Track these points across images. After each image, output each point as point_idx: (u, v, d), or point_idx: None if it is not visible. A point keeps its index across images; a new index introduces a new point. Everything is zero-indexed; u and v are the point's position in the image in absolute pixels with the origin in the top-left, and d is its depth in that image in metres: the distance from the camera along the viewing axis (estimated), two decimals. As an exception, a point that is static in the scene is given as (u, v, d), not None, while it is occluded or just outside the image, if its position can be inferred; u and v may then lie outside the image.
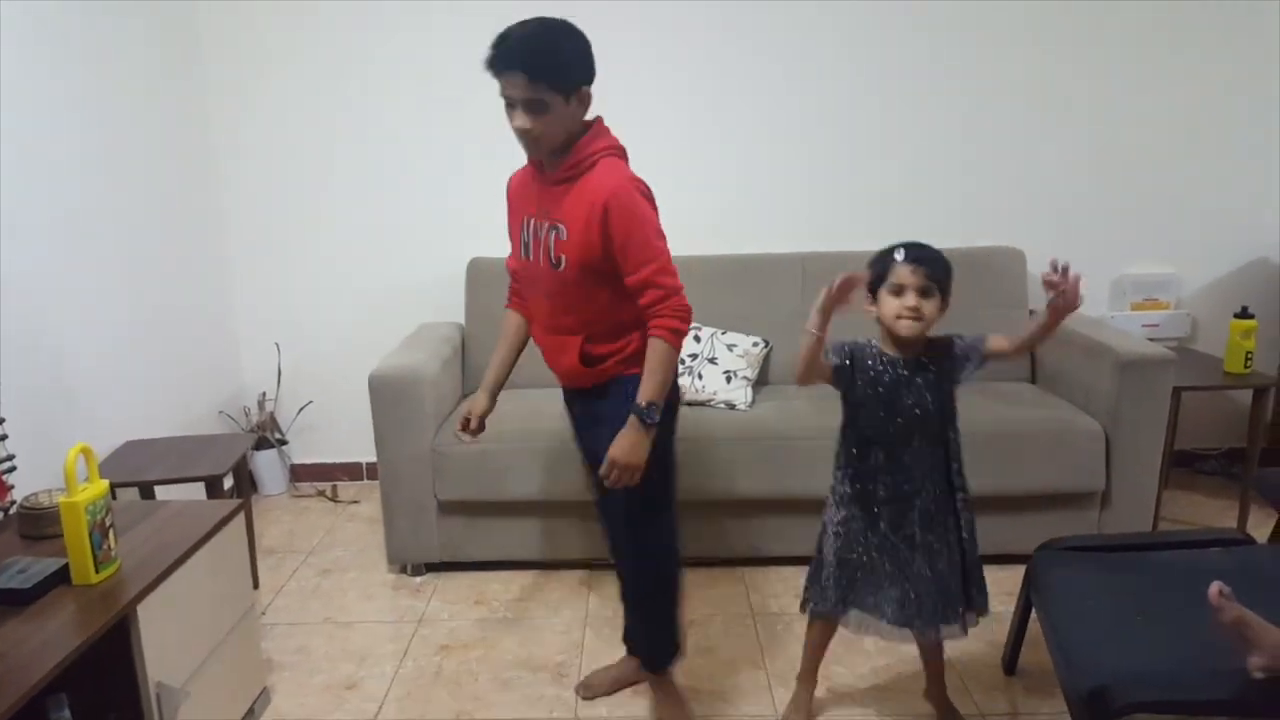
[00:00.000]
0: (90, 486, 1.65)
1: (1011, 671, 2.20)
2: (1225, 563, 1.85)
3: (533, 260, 1.83)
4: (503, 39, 1.65)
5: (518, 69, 1.63)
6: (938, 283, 1.74)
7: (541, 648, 2.38)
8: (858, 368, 1.80)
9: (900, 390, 1.78)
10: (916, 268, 1.72)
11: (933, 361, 1.79)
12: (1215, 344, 3.16)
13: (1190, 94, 3.14)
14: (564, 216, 1.75)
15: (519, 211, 1.87)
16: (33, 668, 1.38)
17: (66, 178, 2.48)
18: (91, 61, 2.60)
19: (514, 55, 1.63)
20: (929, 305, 1.73)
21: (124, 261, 2.73)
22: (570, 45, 1.69)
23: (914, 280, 1.72)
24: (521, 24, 1.68)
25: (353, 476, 3.53)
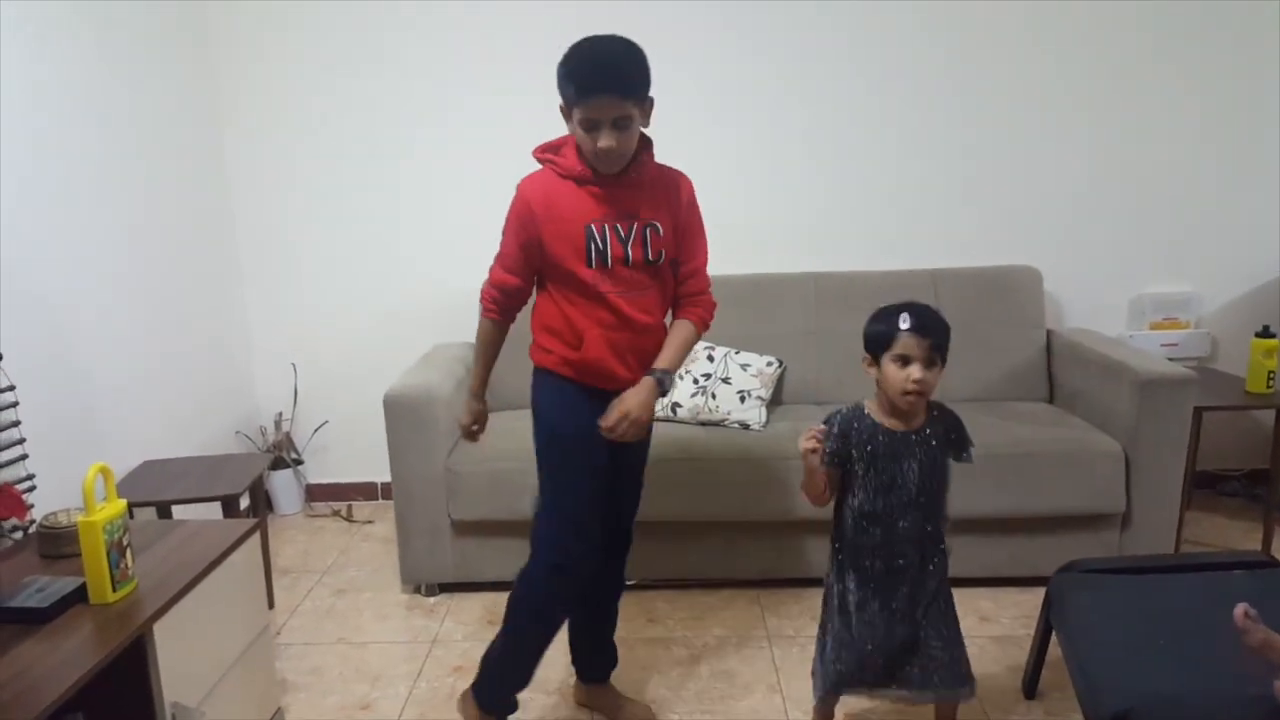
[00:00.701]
0: (108, 506, 1.66)
1: (1031, 695, 2.17)
2: (1249, 585, 1.82)
3: (614, 262, 1.79)
4: (592, 61, 1.68)
5: (613, 90, 1.68)
6: (940, 351, 1.69)
7: (553, 669, 2.36)
8: (854, 443, 1.75)
9: (900, 465, 1.72)
10: (922, 339, 1.67)
11: (934, 434, 1.74)
12: (1237, 363, 3.12)
13: (1209, 111, 3.13)
14: (653, 215, 1.82)
15: (573, 222, 1.79)
16: (50, 687, 1.38)
17: (85, 201, 2.52)
18: (107, 92, 2.65)
19: (610, 76, 1.68)
20: (932, 376, 1.68)
21: (142, 283, 2.76)
22: (644, 58, 1.74)
23: (919, 352, 1.67)
24: (598, 42, 1.71)
25: (367, 496, 3.54)
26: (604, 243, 1.79)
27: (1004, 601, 2.61)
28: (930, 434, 1.74)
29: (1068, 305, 3.29)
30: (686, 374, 2.90)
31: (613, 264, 1.80)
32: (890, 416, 1.75)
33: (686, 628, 2.55)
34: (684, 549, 2.69)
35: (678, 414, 2.82)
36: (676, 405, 2.83)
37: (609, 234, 1.79)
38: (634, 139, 1.76)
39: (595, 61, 1.68)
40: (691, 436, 2.70)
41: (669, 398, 2.84)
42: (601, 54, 1.70)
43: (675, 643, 2.47)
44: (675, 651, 2.43)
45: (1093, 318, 3.26)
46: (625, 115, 1.69)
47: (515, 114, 3.17)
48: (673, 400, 2.84)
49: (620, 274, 1.81)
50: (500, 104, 3.16)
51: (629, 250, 1.80)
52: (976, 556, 2.66)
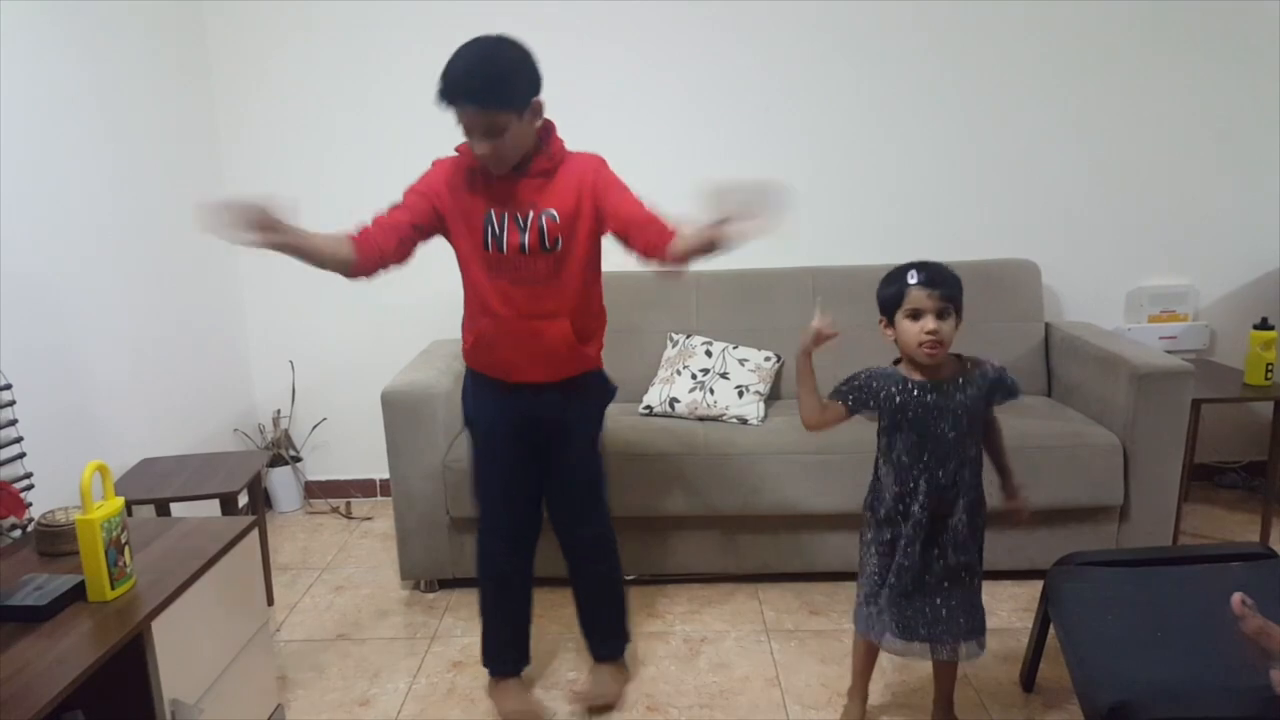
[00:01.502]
0: (106, 504, 1.66)
1: (1030, 688, 2.17)
2: (1247, 577, 1.82)
3: (508, 251, 1.84)
4: (448, 72, 1.68)
5: (469, 101, 1.68)
6: (953, 302, 1.72)
7: (553, 663, 2.37)
8: (881, 398, 1.78)
9: (932, 415, 1.75)
10: (932, 291, 1.70)
11: (968, 383, 1.77)
12: (1235, 356, 3.13)
13: (1207, 104, 3.13)
14: (553, 203, 1.83)
15: (475, 211, 1.85)
16: (48, 684, 1.38)
17: (82, 198, 2.51)
18: (103, 89, 2.65)
19: (462, 88, 1.67)
20: (947, 327, 1.71)
21: (139, 281, 2.76)
22: (515, 65, 1.72)
23: (930, 304, 1.70)
24: (464, 50, 1.70)
25: (366, 493, 3.54)
26: (501, 229, 1.83)
27: (1002, 594, 2.62)
28: (963, 383, 1.76)
29: (1066, 299, 3.29)
30: (684, 369, 2.90)
31: (509, 250, 1.83)
32: (918, 373, 1.78)
33: (685, 622, 2.55)
34: (683, 543, 2.69)
35: (675, 409, 2.82)
36: (674, 401, 2.83)
37: (507, 222, 1.83)
38: (514, 144, 1.75)
39: (454, 71, 1.68)
40: (689, 431, 2.70)
41: (665, 392, 2.85)
42: (461, 63, 1.68)
43: (674, 636, 2.48)
44: (674, 645, 2.43)
45: (1091, 311, 3.26)
46: (492, 124, 1.70)
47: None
48: (670, 396, 2.84)
49: (516, 263, 1.85)
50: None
51: (525, 238, 1.82)
52: (975, 550, 2.66)
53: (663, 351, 3.03)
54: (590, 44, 3.13)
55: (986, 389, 1.78)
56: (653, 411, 2.86)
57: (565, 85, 3.12)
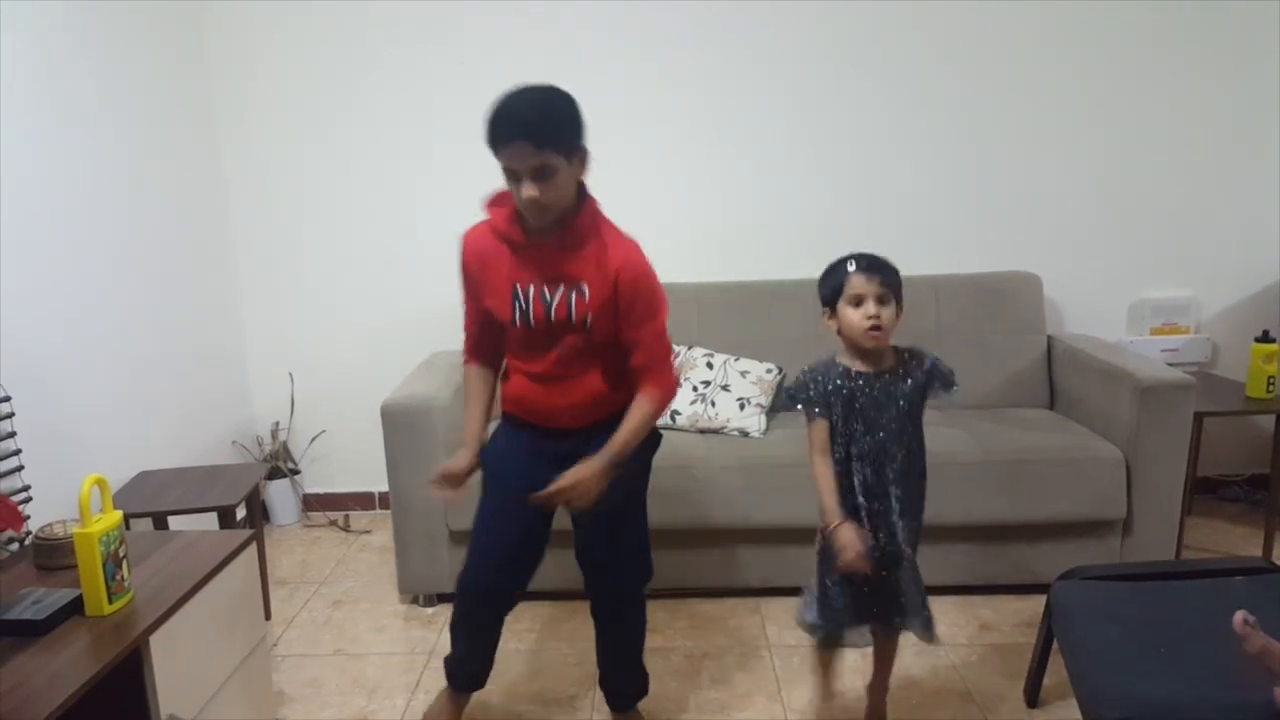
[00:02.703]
0: (104, 517, 1.65)
1: (1034, 704, 2.16)
2: (1250, 591, 1.81)
3: (536, 325, 1.80)
4: (502, 111, 1.65)
5: (523, 138, 1.64)
6: (892, 289, 1.74)
7: (554, 680, 2.36)
8: (829, 391, 1.79)
9: (876, 405, 1.77)
10: (871, 276, 1.73)
11: (908, 373, 1.79)
12: (1237, 369, 3.12)
13: (1208, 116, 3.14)
14: (585, 276, 1.76)
15: (501, 274, 1.83)
16: (45, 699, 1.37)
17: (81, 210, 2.51)
18: (103, 100, 2.65)
19: (518, 125, 1.64)
20: (887, 313, 1.73)
21: (138, 293, 2.76)
22: (567, 107, 1.70)
23: (870, 288, 1.73)
24: (517, 93, 1.68)
25: (364, 506, 3.53)
26: (527, 303, 1.80)
27: (1005, 609, 2.60)
28: (903, 373, 1.78)
29: (1068, 311, 3.29)
30: (685, 380, 2.89)
31: (535, 324, 1.80)
32: (860, 361, 1.79)
33: (686, 637, 2.54)
34: (684, 558, 2.68)
35: (676, 422, 2.81)
36: (675, 413, 2.82)
37: (533, 294, 1.79)
38: (561, 190, 1.70)
39: (509, 109, 1.65)
40: (690, 444, 2.70)
41: (668, 406, 2.84)
42: (516, 102, 1.66)
43: (675, 652, 2.46)
44: (675, 661, 2.42)
45: (1093, 323, 3.26)
46: (544, 165, 1.65)
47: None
48: (672, 408, 2.83)
49: (540, 335, 1.82)
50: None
51: (552, 312, 1.78)
52: (978, 564, 2.65)
53: (663, 364, 3.02)
54: (590, 45, 3.14)
55: (924, 379, 1.79)
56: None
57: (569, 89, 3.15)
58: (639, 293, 1.77)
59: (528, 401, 1.91)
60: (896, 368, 1.79)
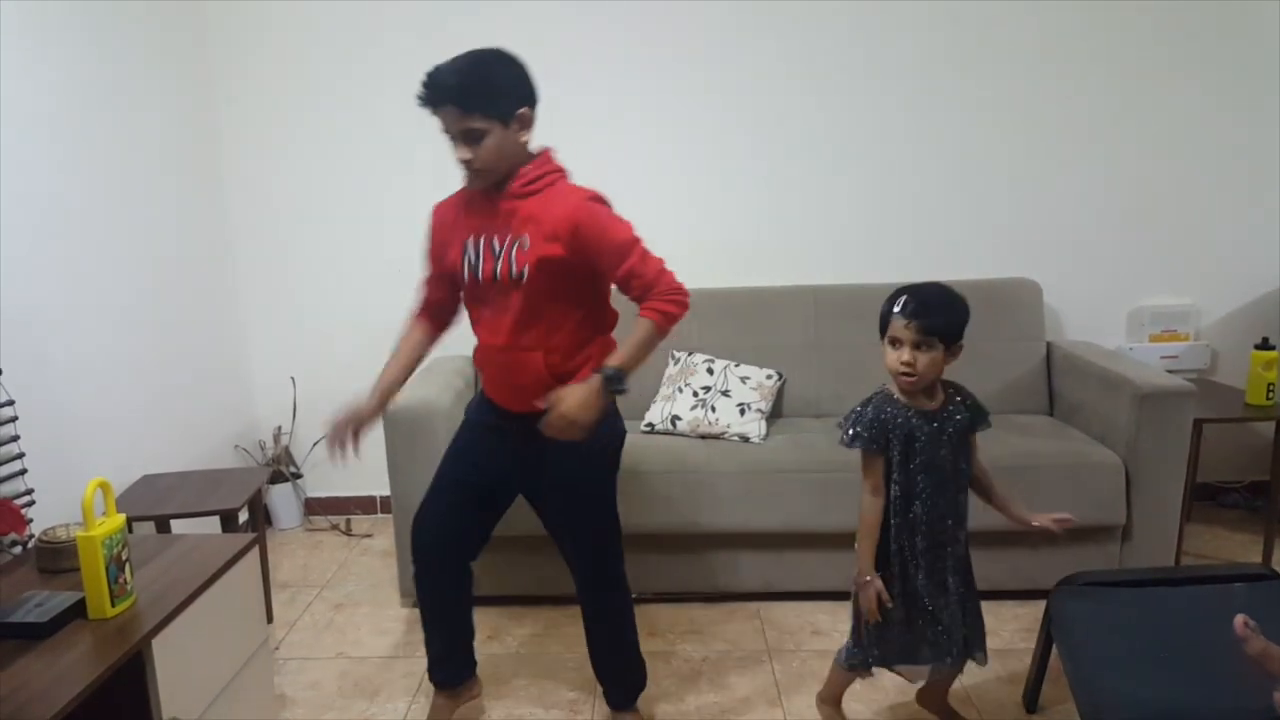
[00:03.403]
0: (107, 521, 1.66)
1: (1033, 709, 2.16)
2: (1249, 598, 1.82)
3: (485, 278, 1.81)
4: (433, 74, 1.68)
5: (449, 103, 1.67)
6: (936, 334, 1.70)
7: (555, 685, 2.36)
8: (890, 429, 1.76)
9: (935, 443, 1.76)
10: (910, 322, 1.69)
11: (956, 410, 1.79)
12: (1236, 376, 3.13)
13: (1208, 123, 3.14)
14: (526, 229, 1.76)
15: (459, 232, 1.86)
16: (48, 702, 1.38)
17: (82, 215, 2.53)
18: (107, 104, 2.67)
19: (443, 90, 1.67)
20: (924, 359, 1.70)
21: (140, 297, 2.77)
22: (502, 71, 1.71)
23: (908, 335, 1.70)
24: (452, 59, 1.70)
25: (366, 510, 3.54)
26: (477, 256, 1.82)
27: (1005, 615, 2.60)
28: (953, 410, 1.78)
29: (1067, 318, 3.29)
30: (686, 386, 2.90)
31: (484, 278, 1.82)
32: (918, 396, 1.78)
33: (686, 641, 2.54)
34: (684, 562, 2.68)
35: (677, 427, 2.82)
36: (676, 418, 2.83)
37: (483, 248, 1.81)
38: (496, 154, 1.72)
39: (439, 73, 1.68)
40: (691, 449, 2.70)
41: (667, 409, 2.85)
42: (448, 66, 1.68)
43: (675, 656, 2.46)
44: (675, 665, 2.42)
45: (1092, 330, 3.26)
46: (471, 129, 1.69)
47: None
48: (672, 414, 2.84)
49: (488, 290, 1.83)
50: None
51: (497, 266, 1.78)
52: (977, 570, 2.63)
53: (664, 369, 3.03)
54: (598, 53, 3.16)
55: (969, 416, 1.80)
56: (654, 429, 2.85)
57: (572, 95, 3.16)
58: (604, 234, 1.74)
59: (487, 378, 1.95)
60: (947, 404, 1.79)
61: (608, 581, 2.04)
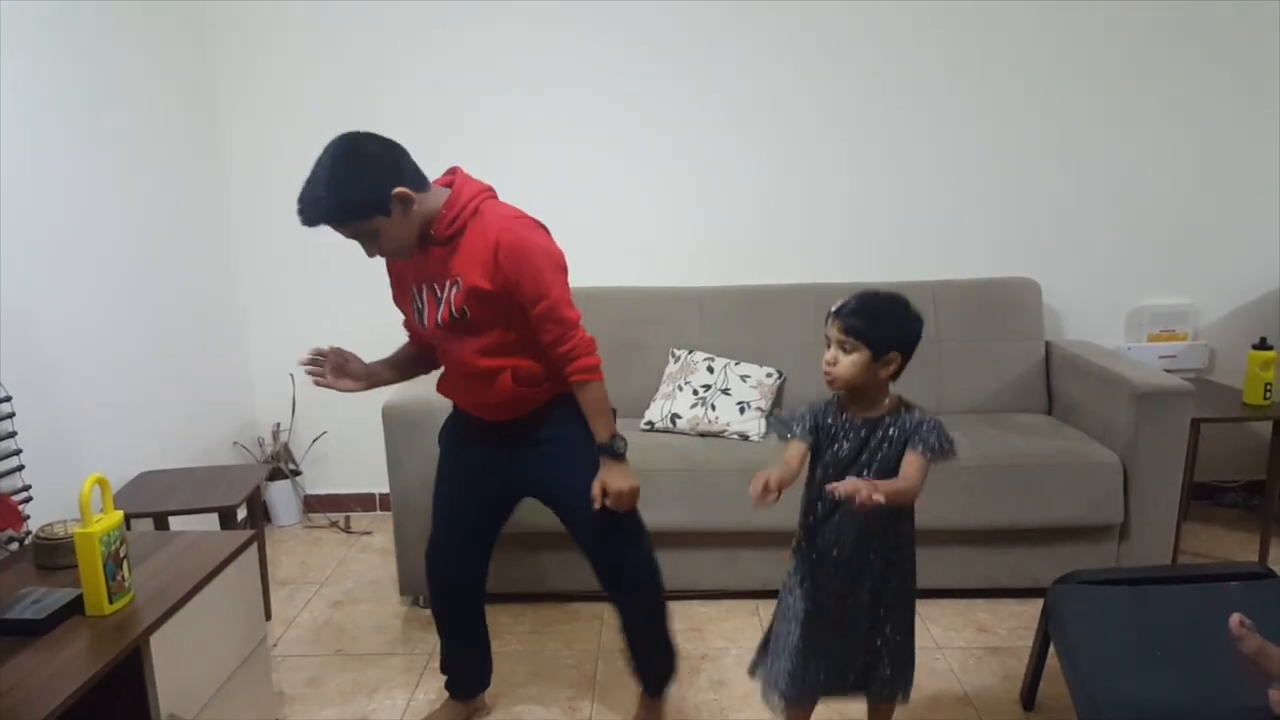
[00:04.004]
0: (105, 517, 1.65)
1: (1030, 706, 2.17)
2: (1246, 597, 1.82)
3: (429, 325, 1.84)
4: (299, 200, 1.70)
5: (324, 224, 1.70)
6: (859, 336, 1.66)
7: (553, 681, 2.36)
8: (820, 427, 1.76)
9: (858, 451, 1.71)
10: (835, 320, 1.69)
11: (894, 427, 1.69)
12: (1234, 375, 3.13)
13: (1206, 125, 3.15)
14: (459, 270, 1.76)
15: (404, 282, 1.89)
16: (45, 699, 1.38)
17: (81, 211, 2.52)
18: (108, 104, 2.66)
19: (311, 215, 1.69)
20: (846, 360, 1.67)
21: (139, 295, 2.77)
22: (358, 175, 1.68)
23: (833, 333, 1.69)
24: (310, 178, 1.70)
25: (366, 507, 3.54)
26: (423, 304, 1.85)
27: (1002, 612, 2.61)
28: (889, 425, 1.70)
29: (1066, 317, 3.29)
30: (686, 384, 2.90)
31: (429, 325, 1.85)
32: (851, 403, 1.74)
33: (685, 639, 2.54)
34: (683, 560, 2.68)
35: (677, 425, 2.82)
36: (676, 416, 2.83)
37: (427, 295, 1.84)
38: (396, 237, 1.74)
39: (301, 198, 1.70)
40: (691, 447, 2.71)
41: (667, 407, 2.85)
42: (307, 190, 1.69)
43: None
44: (674, 663, 2.42)
45: (1091, 330, 3.27)
46: (359, 234, 1.73)
47: (512, 125, 3.19)
48: (672, 412, 2.84)
49: (437, 335, 1.87)
50: (498, 115, 3.18)
51: (440, 311, 1.80)
52: (975, 567, 2.66)
53: (665, 367, 3.03)
54: (597, 49, 3.15)
55: (905, 437, 1.69)
56: (654, 427, 2.86)
57: (572, 94, 3.16)
58: (522, 266, 1.73)
59: (460, 400, 1.98)
60: (884, 417, 1.71)
61: (638, 567, 2.03)
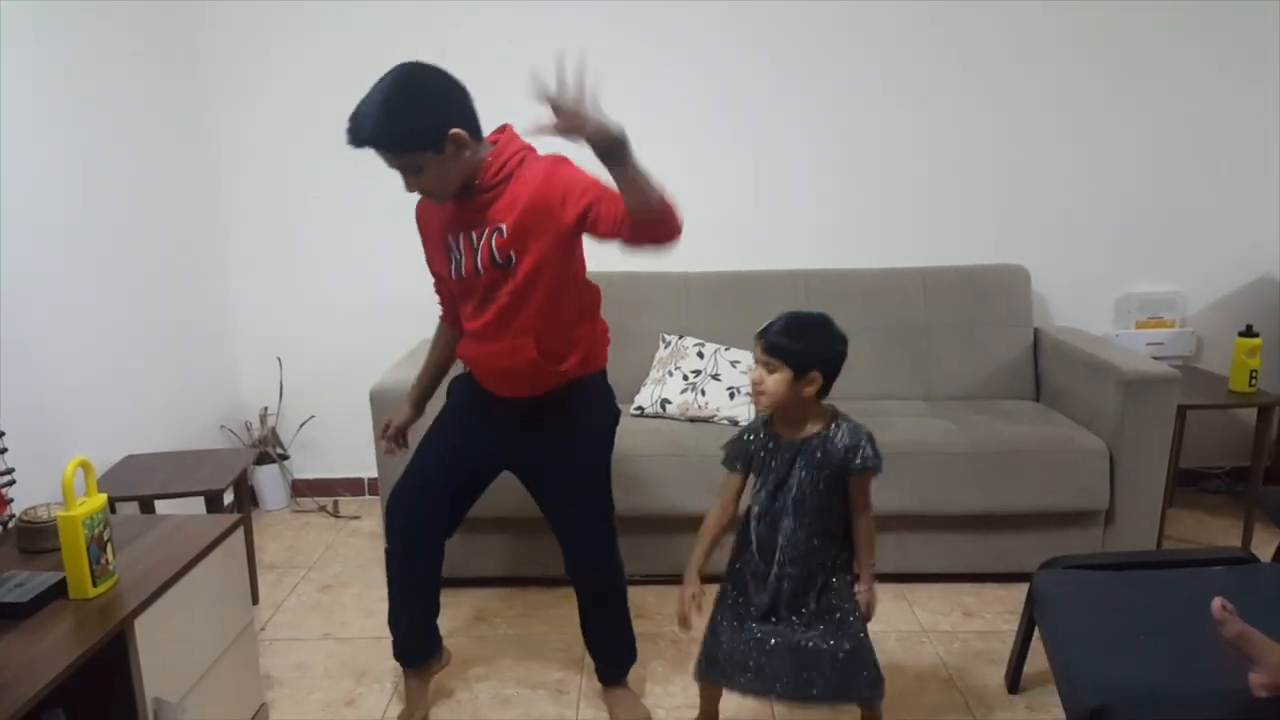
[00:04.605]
0: (88, 500, 1.65)
1: (1015, 690, 2.18)
2: (1229, 581, 1.83)
3: (468, 273, 1.81)
4: (352, 119, 1.65)
5: (373, 147, 1.65)
6: (781, 355, 1.66)
7: (542, 665, 2.37)
8: (750, 450, 1.78)
9: (783, 470, 1.72)
10: (759, 340, 1.70)
11: (821, 445, 1.70)
12: (1220, 362, 3.15)
13: (1195, 112, 3.15)
14: (501, 217, 1.75)
15: (439, 232, 1.86)
16: (29, 682, 1.37)
17: (65, 192, 2.49)
18: (90, 76, 2.63)
19: (363, 135, 1.64)
20: (770, 380, 1.67)
21: (124, 275, 2.74)
22: (420, 103, 1.65)
23: (758, 354, 1.70)
24: (366, 99, 1.65)
25: (354, 491, 3.53)
26: (460, 253, 1.82)
27: (988, 597, 2.63)
28: (816, 445, 1.70)
29: (1055, 304, 3.30)
30: (676, 370, 2.90)
31: (468, 274, 1.81)
32: (782, 423, 1.76)
33: (674, 622, 2.54)
34: (672, 544, 2.68)
35: (667, 410, 2.82)
36: (666, 402, 2.83)
37: (464, 244, 1.81)
38: (439, 179, 1.71)
39: (355, 117, 1.65)
40: (680, 433, 2.71)
41: (657, 393, 2.85)
42: (364, 108, 1.64)
43: (662, 638, 2.47)
44: (662, 647, 2.43)
45: (1079, 317, 3.28)
46: (405, 165, 1.69)
47: (503, 109, 3.16)
48: (662, 397, 2.84)
49: (472, 284, 1.83)
50: (490, 100, 3.14)
51: (478, 259, 1.78)
52: (961, 552, 2.68)
53: (655, 352, 3.03)
54: (591, 34, 3.12)
55: (841, 456, 1.69)
56: (644, 413, 2.85)
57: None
58: (569, 185, 1.71)
59: (477, 366, 1.94)
60: (816, 435, 1.71)
61: (604, 559, 2.06)
